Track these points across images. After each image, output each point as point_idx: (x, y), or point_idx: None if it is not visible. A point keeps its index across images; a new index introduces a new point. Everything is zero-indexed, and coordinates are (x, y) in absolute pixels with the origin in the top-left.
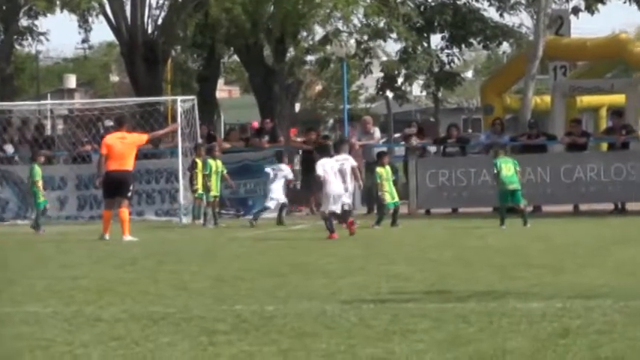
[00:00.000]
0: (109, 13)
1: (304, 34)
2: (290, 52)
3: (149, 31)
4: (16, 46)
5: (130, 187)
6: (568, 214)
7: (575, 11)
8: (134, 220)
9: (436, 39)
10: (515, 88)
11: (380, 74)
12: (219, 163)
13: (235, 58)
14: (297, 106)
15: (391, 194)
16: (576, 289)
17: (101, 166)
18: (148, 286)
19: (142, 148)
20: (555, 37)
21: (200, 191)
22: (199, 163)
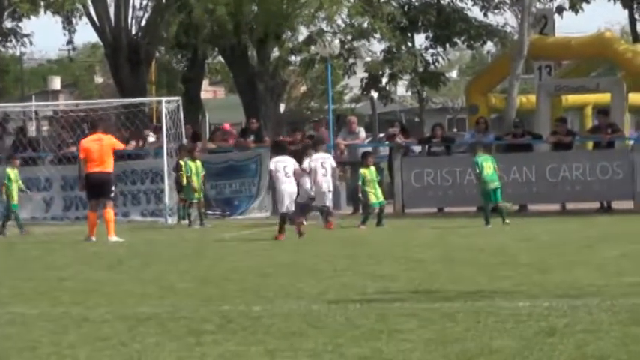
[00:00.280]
0: (92, 14)
1: (288, 34)
2: (274, 52)
3: (133, 33)
4: (0, 48)
5: (112, 188)
6: (554, 213)
7: (560, 10)
8: (120, 221)
9: (420, 39)
10: (500, 87)
11: (364, 74)
12: (199, 164)
13: (220, 58)
14: (282, 107)
15: (376, 194)
16: (562, 288)
17: (82, 171)
18: (134, 287)
19: (128, 149)
20: (540, 36)
21: (183, 193)
22: (183, 164)
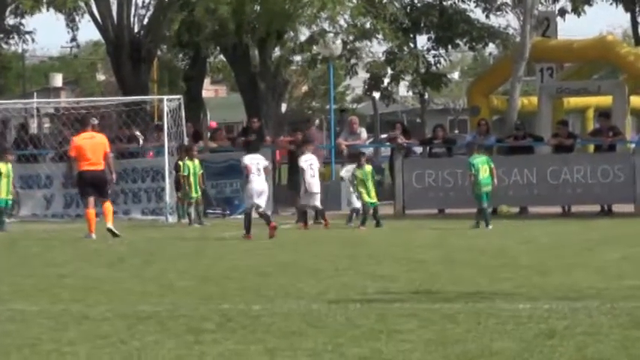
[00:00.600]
0: (95, 12)
1: (291, 34)
2: (276, 52)
3: (135, 30)
4: (2, 45)
5: (107, 186)
6: (555, 215)
7: (562, 13)
8: (120, 219)
9: (422, 40)
10: (502, 89)
11: (366, 75)
12: (197, 163)
13: (222, 57)
14: (284, 106)
15: (369, 194)
16: (563, 290)
17: (72, 169)
18: (134, 285)
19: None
20: (542, 38)
21: (182, 192)
22: (181, 164)
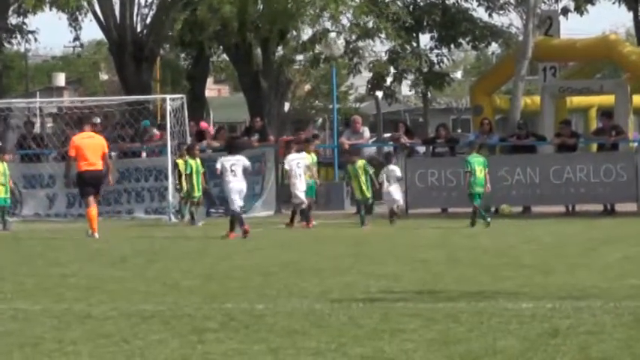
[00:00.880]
0: (97, 11)
1: (293, 33)
2: (279, 51)
3: (138, 30)
4: (5, 44)
5: (102, 186)
6: (558, 214)
7: (565, 12)
8: (124, 218)
9: (425, 39)
10: (505, 88)
11: (369, 74)
12: (198, 162)
13: (225, 56)
14: (287, 106)
15: (361, 190)
16: (566, 289)
17: (70, 168)
18: (137, 284)
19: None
20: (545, 37)
21: (184, 191)
22: (180, 163)
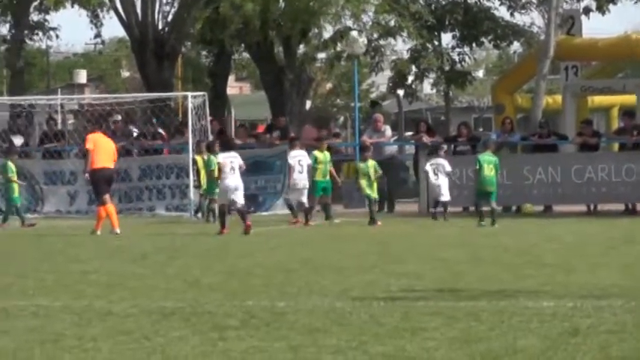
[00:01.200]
0: (119, 8)
1: (315, 31)
2: (300, 49)
3: (159, 27)
4: (27, 41)
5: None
6: (579, 214)
7: (587, 11)
8: (145, 215)
9: (447, 37)
10: (526, 87)
11: (390, 72)
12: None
13: (246, 54)
14: (308, 104)
15: (371, 188)
16: (587, 288)
17: (89, 161)
18: (158, 281)
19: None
20: (567, 36)
21: (204, 187)
22: (199, 160)
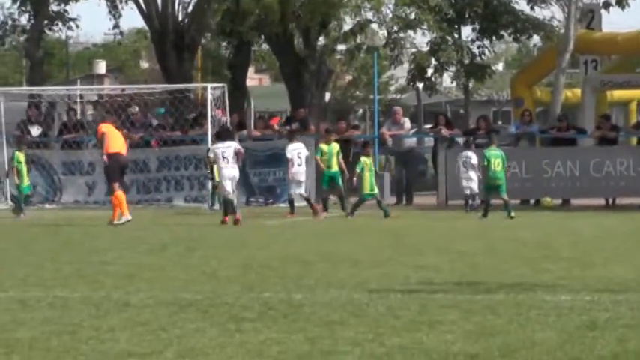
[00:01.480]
0: (140, 0)
1: (335, 23)
2: (320, 41)
3: (179, 19)
4: (47, 32)
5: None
6: (597, 207)
7: (606, 5)
8: (163, 207)
9: (467, 30)
10: (546, 80)
11: (410, 65)
12: None
13: (266, 46)
14: (328, 96)
15: (371, 185)
16: (604, 282)
17: (105, 144)
18: (176, 273)
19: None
20: (586, 31)
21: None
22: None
